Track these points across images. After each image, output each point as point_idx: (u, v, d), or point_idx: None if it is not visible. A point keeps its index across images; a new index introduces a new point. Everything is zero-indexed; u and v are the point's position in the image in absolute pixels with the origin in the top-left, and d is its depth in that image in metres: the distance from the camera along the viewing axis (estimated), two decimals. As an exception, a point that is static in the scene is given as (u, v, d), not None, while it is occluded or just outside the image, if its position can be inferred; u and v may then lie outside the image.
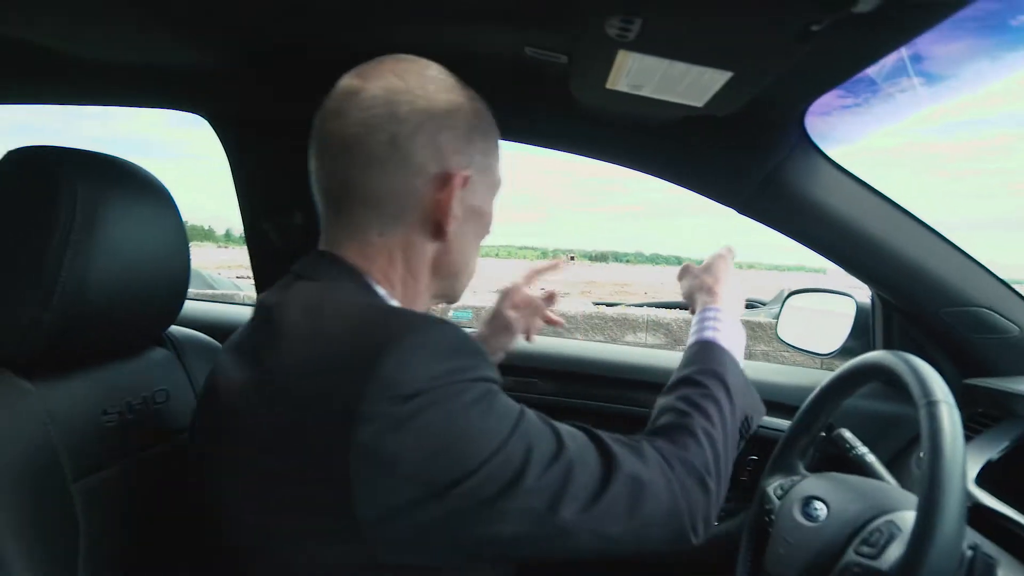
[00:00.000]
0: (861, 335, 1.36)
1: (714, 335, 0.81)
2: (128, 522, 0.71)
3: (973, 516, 0.76)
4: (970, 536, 0.71)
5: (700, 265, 0.93)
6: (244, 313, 1.69)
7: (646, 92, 0.84)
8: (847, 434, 1.02)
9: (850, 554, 0.76)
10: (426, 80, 0.68)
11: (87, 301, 0.68)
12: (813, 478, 0.95)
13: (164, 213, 0.77)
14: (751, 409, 0.78)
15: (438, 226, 0.68)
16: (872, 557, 0.73)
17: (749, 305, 6.43)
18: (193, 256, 0.83)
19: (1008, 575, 0.70)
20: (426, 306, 0.74)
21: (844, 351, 1.36)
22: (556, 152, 1.22)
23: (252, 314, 0.68)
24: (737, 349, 0.81)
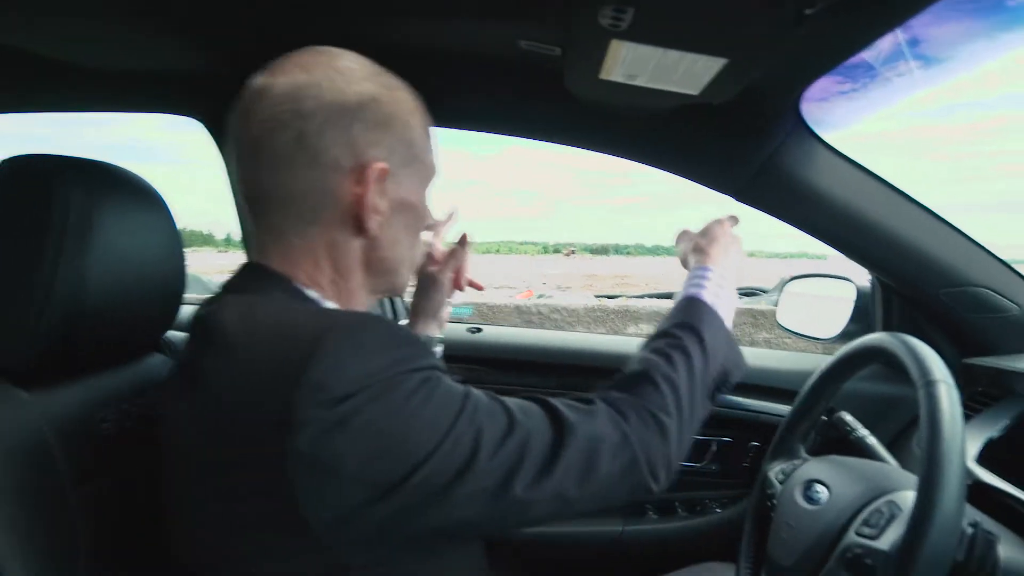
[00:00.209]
0: (861, 319, 1.36)
1: (697, 291, 0.80)
2: (127, 529, 0.72)
3: (974, 494, 0.76)
4: (970, 514, 0.72)
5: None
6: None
7: (641, 82, 0.84)
8: (847, 417, 1.02)
9: (851, 535, 0.76)
10: (334, 72, 0.64)
11: (82, 308, 0.68)
12: (814, 461, 0.95)
13: (158, 218, 0.77)
14: (731, 364, 0.78)
15: (359, 222, 0.65)
16: (873, 537, 0.74)
17: (750, 293, 6.41)
18: (192, 261, 0.83)
19: (1009, 551, 0.71)
20: (366, 303, 0.72)
21: (845, 335, 1.36)
22: (555, 145, 1.22)
23: (188, 330, 0.65)
24: (723, 307, 0.79)
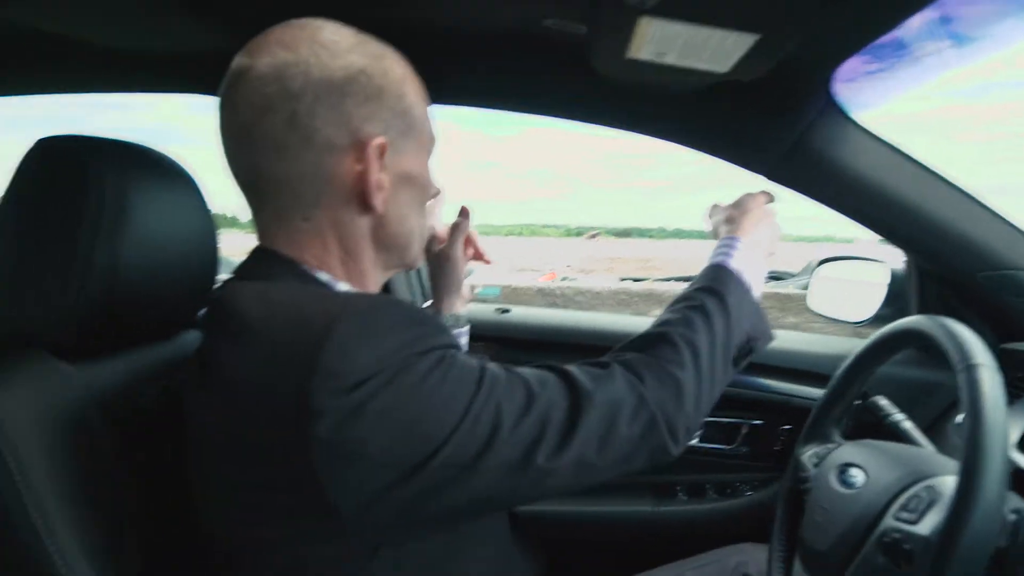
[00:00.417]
0: (895, 302, 1.34)
1: (723, 259, 0.78)
2: (168, 499, 0.73)
3: (1015, 481, 0.74)
4: (1013, 500, 0.70)
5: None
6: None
7: (669, 60, 0.83)
8: (882, 401, 1.00)
9: (889, 519, 0.75)
10: (318, 46, 0.61)
11: (120, 284, 0.69)
12: (849, 445, 0.94)
13: (191, 198, 0.78)
14: (757, 332, 0.76)
15: (363, 200, 0.64)
16: (912, 522, 0.73)
17: (777, 277, 6.35)
18: (220, 242, 0.84)
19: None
20: (380, 281, 0.72)
21: (878, 319, 1.34)
22: (581, 126, 1.21)
23: (204, 318, 0.65)
24: (750, 275, 0.78)
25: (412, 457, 0.53)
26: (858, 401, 1.02)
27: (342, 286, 0.66)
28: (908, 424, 0.96)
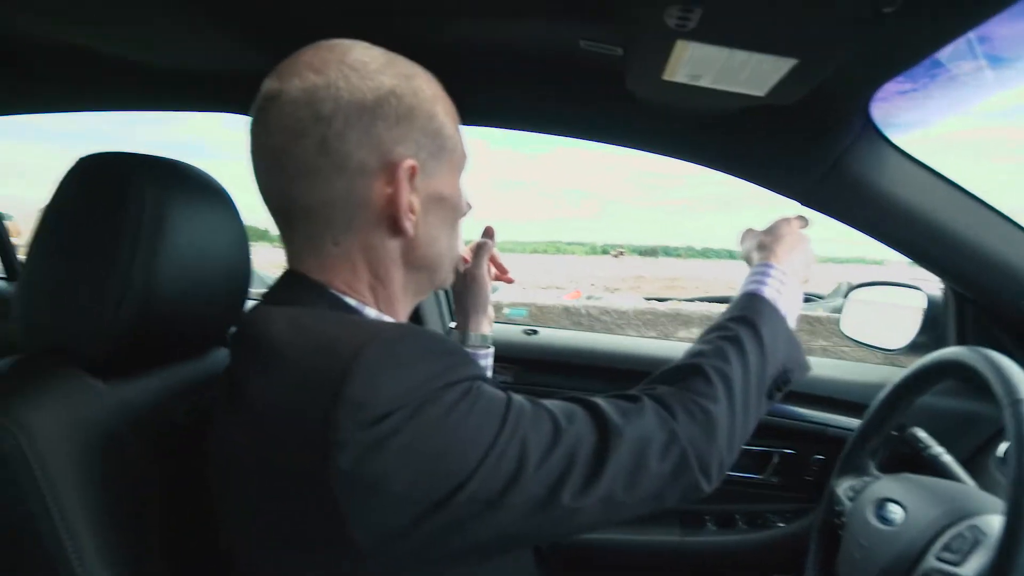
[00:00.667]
0: (931, 329, 1.30)
1: (757, 287, 0.77)
2: (197, 517, 0.73)
3: None
4: None
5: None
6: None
7: (705, 83, 0.82)
8: (921, 433, 0.98)
9: (931, 560, 0.73)
10: (347, 68, 0.60)
11: (157, 301, 0.69)
12: (886, 479, 0.91)
13: (226, 214, 0.79)
14: (792, 363, 0.74)
15: (394, 223, 0.63)
16: (956, 563, 0.70)
17: (806, 299, 6.25)
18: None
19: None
20: (410, 306, 0.71)
21: (914, 346, 1.31)
22: (608, 146, 1.20)
23: (231, 343, 0.65)
24: (785, 305, 0.76)
25: (435, 493, 0.52)
26: (895, 432, 0.99)
27: (371, 312, 0.66)
28: (948, 458, 0.94)
